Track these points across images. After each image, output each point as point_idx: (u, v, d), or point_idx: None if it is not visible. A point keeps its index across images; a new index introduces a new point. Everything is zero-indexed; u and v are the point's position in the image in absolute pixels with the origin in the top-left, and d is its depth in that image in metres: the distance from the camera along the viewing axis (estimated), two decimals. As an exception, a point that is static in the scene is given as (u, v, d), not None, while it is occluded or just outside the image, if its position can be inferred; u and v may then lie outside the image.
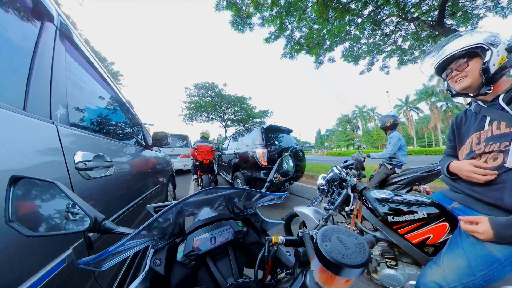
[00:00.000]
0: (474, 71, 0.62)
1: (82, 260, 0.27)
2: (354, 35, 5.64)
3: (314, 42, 5.49)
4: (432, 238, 0.72)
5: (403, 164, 2.22)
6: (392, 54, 6.03)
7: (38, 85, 0.51)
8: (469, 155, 0.67)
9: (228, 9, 4.61)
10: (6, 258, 0.36)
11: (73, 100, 0.67)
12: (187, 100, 16.54)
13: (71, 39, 0.70)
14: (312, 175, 4.89)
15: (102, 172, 0.72)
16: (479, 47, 0.60)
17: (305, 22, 5.18)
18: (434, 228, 0.72)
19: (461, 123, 0.77)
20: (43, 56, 0.54)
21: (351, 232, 0.30)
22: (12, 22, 0.48)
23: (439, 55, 0.69)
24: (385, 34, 5.51)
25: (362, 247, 0.27)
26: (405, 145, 2.23)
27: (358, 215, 0.88)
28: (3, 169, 0.37)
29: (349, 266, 0.24)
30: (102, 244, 0.66)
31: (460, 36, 0.66)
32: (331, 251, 0.26)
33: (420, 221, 0.75)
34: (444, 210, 0.75)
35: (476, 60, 0.62)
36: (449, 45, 0.66)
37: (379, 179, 2.24)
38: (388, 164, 2.24)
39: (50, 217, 0.32)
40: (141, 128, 1.54)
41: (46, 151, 0.50)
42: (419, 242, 0.74)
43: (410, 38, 5.42)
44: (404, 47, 5.75)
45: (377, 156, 2.29)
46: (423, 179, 1.97)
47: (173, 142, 6.16)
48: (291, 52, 5.82)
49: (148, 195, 1.29)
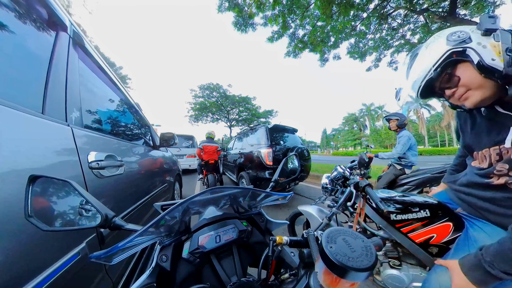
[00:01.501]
0: (474, 79, 0.46)
1: (94, 255, 0.29)
2: (360, 30, 5.47)
3: (318, 39, 5.40)
4: (436, 238, 0.70)
5: (413, 165, 2.12)
6: (401, 49, 5.79)
7: (54, 90, 0.55)
8: (484, 171, 0.56)
9: (231, 10, 4.64)
10: (27, 249, 0.39)
11: (86, 104, 0.71)
12: (192, 101, 16.84)
13: (83, 47, 0.74)
14: (317, 176, 4.81)
15: (113, 171, 0.76)
16: (451, 54, 0.46)
17: (308, 19, 5.10)
18: (437, 228, 0.70)
19: (466, 125, 0.64)
20: (59, 63, 0.58)
21: (357, 234, 0.29)
22: (30, 33, 0.52)
23: (412, 88, 0.56)
24: (393, 28, 5.30)
25: (369, 250, 0.26)
26: (415, 145, 2.14)
27: (361, 213, 0.87)
28: (23, 168, 0.41)
29: (355, 269, 0.23)
30: (113, 239, 0.69)
31: (416, 56, 0.55)
32: (336, 253, 0.25)
33: (423, 220, 0.73)
34: (448, 210, 0.72)
35: (464, 66, 0.47)
36: (413, 73, 0.54)
37: (387, 180, 2.16)
38: (397, 165, 2.16)
39: (65, 213, 0.35)
40: (149, 129, 1.59)
41: (63, 151, 0.54)
42: (423, 242, 0.72)
43: (419, 31, 5.18)
44: (413, 41, 5.48)
45: (386, 156, 2.20)
46: (435, 180, 1.85)
47: (180, 143, 6.29)
48: (294, 51, 5.76)
49: (156, 194, 1.34)
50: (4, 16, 0.45)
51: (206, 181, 3.44)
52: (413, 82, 0.55)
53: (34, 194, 0.31)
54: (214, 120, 18.56)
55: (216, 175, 3.43)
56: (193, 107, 16.94)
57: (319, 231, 0.37)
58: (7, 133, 0.40)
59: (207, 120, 18.20)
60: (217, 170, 3.60)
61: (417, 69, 0.54)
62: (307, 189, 3.87)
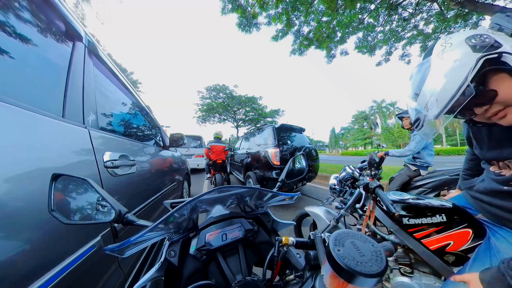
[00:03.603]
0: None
1: (108, 247, 0.31)
2: (368, 23, 5.20)
3: (324, 35, 5.23)
4: (453, 246, 0.65)
5: (429, 166, 1.95)
6: (413, 41, 5.41)
7: (73, 95, 0.60)
8: (503, 178, 0.52)
9: (234, 12, 4.63)
10: (50, 240, 0.43)
11: (101, 107, 0.76)
12: (200, 102, 17.20)
13: (97, 55, 0.79)
14: (325, 176, 4.71)
15: (126, 170, 0.80)
16: (484, 64, 0.37)
17: (312, 15, 4.95)
18: (454, 234, 0.65)
19: (480, 134, 0.58)
20: (76, 71, 0.63)
21: (367, 237, 0.28)
22: (51, 45, 0.57)
23: (430, 115, 0.45)
24: (404, 19, 4.93)
25: (379, 255, 0.24)
26: (431, 144, 1.97)
27: (371, 216, 0.82)
28: (47, 166, 0.45)
29: (363, 274, 0.22)
30: (125, 234, 0.73)
31: (426, 70, 0.44)
32: (344, 256, 0.24)
33: (439, 225, 0.68)
34: (467, 215, 0.67)
35: (499, 78, 0.38)
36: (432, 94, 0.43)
37: (400, 182, 1.99)
38: (411, 165, 2.00)
39: (83, 209, 0.38)
40: (159, 130, 1.66)
41: (81, 151, 0.58)
42: (438, 249, 0.68)
43: (434, 19, 4.77)
44: (427, 31, 5.09)
45: (397, 153, 2.06)
46: (453, 183, 1.68)
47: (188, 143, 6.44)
48: (300, 48, 5.66)
49: (166, 192, 1.40)
50: (27, 31, 0.49)
51: (213, 180, 3.50)
52: (435, 104, 0.43)
53: (56, 190, 0.34)
54: (221, 121, 18.81)
55: (223, 174, 3.48)
56: (201, 108, 17.30)
57: (327, 233, 0.37)
58: (33, 135, 0.44)
59: (214, 120, 18.50)
60: (225, 169, 3.65)
61: (438, 88, 0.42)
62: (314, 189, 3.80)
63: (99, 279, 0.59)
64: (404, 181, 2.00)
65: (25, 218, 0.39)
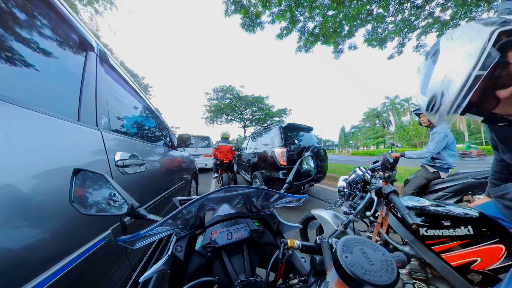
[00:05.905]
0: None
1: (120, 238, 0.34)
2: (377, 14, 4.83)
3: (330, 30, 5.03)
4: (480, 263, 0.56)
5: (451, 167, 1.74)
6: (429, 30, 4.91)
7: (87, 101, 0.65)
8: None
9: (237, 13, 4.61)
10: (66, 230, 0.48)
11: (112, 111, 0.82)
12: (207, 104, 17.54)
13: (108, 62, 0.86)
14: (335, 177, 4.56)
15: (136, 169, 0.86)
16: (499, 36, 0.32)
17: (317, 10, 4.76)
18: (483, 250, 0.57)
19: (506, 136, 0.52)
20: (89, 78, 0.69)
21: (377, 246, 0.26)
22: (66, 55, 0.62)
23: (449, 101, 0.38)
24: (417, 6, 4.49)
25: (390, 266, 0.23)
26: (453, 143, 1.74)
27: (384, 223, 0.74)
28: (68, 165, 0.51)
29: (372, 284, 0.20)
30: (134, 229, 0.78)
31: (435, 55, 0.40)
32: (351, 264, 0.23)
33: (464, 238, 0.60)
34: (499, 227, 0.58)
35: None
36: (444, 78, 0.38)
37: (417, 185, 1.79)
38: (430, 167, 1.78)
39: (99, 202, 0.42)
40: (168, 131, 1.74)
41: (94, 151, 0.64)
42: (461, 266, 0.59)
43: (452, 4, 4.27)
44: (444, 18, 4.61)
45: (415, 155, 1.81)
46: (479, 187, 1.48)
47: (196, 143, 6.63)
48: (306, 45, 5.52)
49: (174, 190, 1.46)
50: (47, 45, 0.55)
51: (221, 179, 3.56)
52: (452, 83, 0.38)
53: (76, 184, 0.38)
54: (229, 121, 19.05)
55: (230, 174, 3.53)
56: (208, 110, 17.65)
57: (334, 238, 0.36)
58: (54, 137, 0.50)
59: (221, 121, 18.78)
60: (232, 169, 3.69)
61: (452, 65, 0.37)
62: (323, 191, 3.71)
63: (109, 269, 0.64)
64: (421, 184, 1.80)
65: (48, 209, 0.44)
